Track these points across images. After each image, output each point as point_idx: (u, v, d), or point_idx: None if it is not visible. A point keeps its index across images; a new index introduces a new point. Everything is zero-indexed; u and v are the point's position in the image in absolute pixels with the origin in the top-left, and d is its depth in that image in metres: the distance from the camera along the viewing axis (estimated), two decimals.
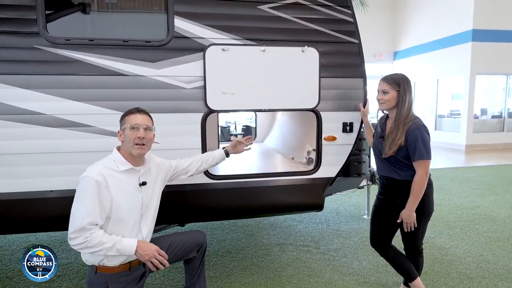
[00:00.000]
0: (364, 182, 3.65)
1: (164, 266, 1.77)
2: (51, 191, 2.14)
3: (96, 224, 1.64)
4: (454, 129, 10.70)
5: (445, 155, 9.25)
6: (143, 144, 1.75)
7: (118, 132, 1.80)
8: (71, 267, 2.81)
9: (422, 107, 12.34)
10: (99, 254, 1.66)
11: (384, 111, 2.17)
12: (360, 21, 2.56)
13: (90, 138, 2.15)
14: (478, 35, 9.78)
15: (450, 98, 11.25)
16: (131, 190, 1.77)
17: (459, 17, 10.20)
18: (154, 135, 1.85)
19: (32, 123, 2.07)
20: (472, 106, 10.12)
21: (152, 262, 1.74)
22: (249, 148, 2.33)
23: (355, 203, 4.61)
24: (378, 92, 2.10)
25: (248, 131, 8.16)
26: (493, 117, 10.85)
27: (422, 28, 11.94)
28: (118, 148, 1.82)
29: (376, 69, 13.65)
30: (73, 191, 2.15)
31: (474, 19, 9.73)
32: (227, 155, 2.24)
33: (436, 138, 11.28)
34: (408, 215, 2.00)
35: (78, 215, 1.61)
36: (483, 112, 10.90)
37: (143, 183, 1.82)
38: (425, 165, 1.95)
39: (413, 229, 2.03)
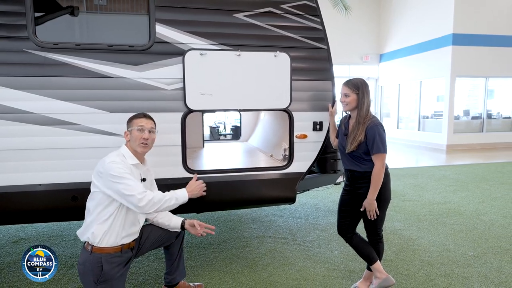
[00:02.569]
0: (340, 179, 3.87)
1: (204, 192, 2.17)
2: (40, 184, 2.30)
3: None
4: (437, 130, 11.06)
5: (427, 155, 9.57)
6: (146, 144, 2.02)
7: (125, 132, 2.03)
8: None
9: (407, 109, 12.70)
10: (163, 207, 1.91)
11: (347, 112, 2.39)
12: (347, 24, 2.78)
13: (76, 136, 2.31)
14: (458, 39, 10.16)
15: (435, 100, 11.58)
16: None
17: (440, 21, 10.57)
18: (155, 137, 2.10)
19: (22, 122, 2.22)
20: (452, 107, 10.48)
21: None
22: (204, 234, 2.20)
23: (335, 199, 4.83)
24: (341, 95, 2.32)
25: (237, 131, 8.39)
26: (473, 118, 11.24)
27: (406, 31, 12.31)
28: (127, 145, 2.04)
29: (362, 71, 13.97)
30: (60, 184, 2.33)
31: (454, 23, 10.11)
32: (183, 227, 2.23)
33: (420, 138, 11.64)
34: (370, 203, 2.22)
35: (132, 185, 1.84)
36: (466, 113, 11.27)
37: (144, 179, 2.07)
38: (382, 158, 2.18)
39: (375, 217, 2.25)
